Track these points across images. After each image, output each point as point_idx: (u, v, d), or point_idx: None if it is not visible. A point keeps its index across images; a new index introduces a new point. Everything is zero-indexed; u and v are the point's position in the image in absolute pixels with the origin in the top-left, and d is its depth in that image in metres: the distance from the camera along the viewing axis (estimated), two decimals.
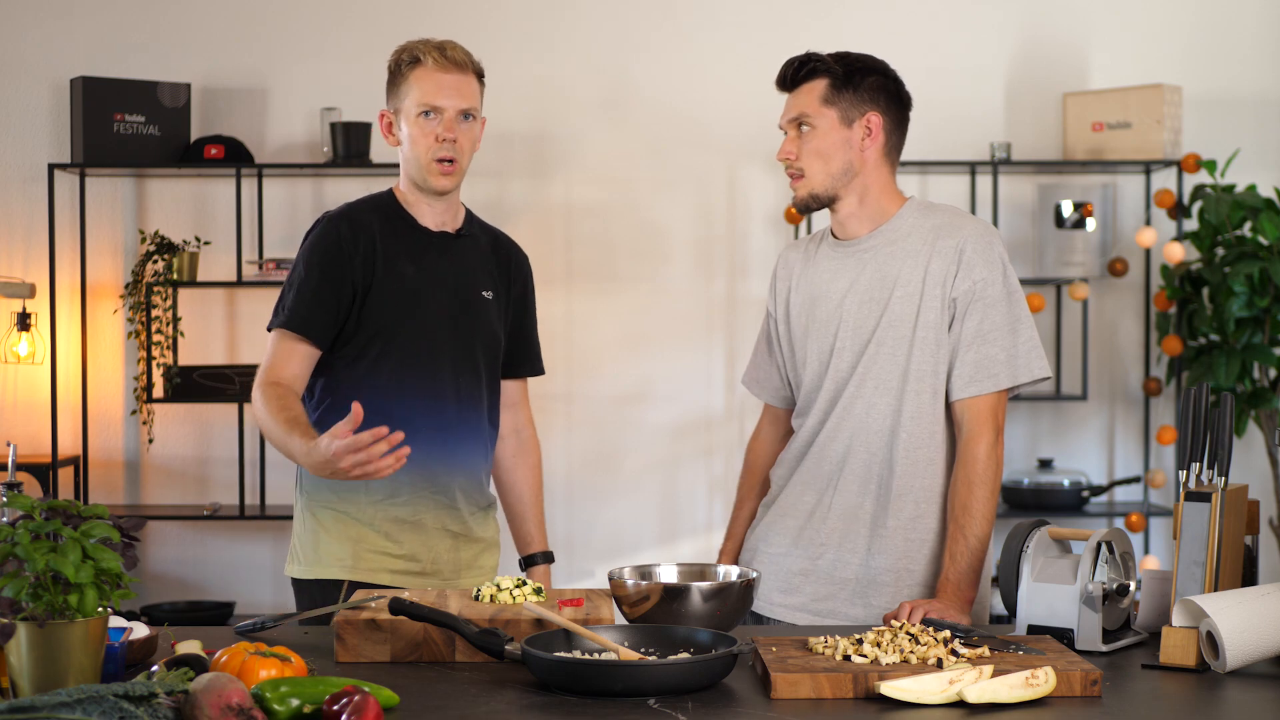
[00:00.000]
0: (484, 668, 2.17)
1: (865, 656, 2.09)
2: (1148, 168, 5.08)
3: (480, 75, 2.84)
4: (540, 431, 3.04)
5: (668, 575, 2.47)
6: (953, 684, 1.97)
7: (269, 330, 2.79)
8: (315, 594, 2.77)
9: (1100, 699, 2.01)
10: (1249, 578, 2.38)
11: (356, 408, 2.39)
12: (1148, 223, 5.14)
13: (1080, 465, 5.25)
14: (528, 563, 3.02)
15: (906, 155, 3.12)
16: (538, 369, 3.05)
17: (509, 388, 3.00)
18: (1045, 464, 5.07)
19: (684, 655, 2.11)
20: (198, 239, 5.06)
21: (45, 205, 5.02)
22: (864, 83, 2.69)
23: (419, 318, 2.79)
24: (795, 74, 2.71)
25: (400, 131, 2.82)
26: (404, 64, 2.80)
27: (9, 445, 3.27)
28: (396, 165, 2.93)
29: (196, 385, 4.95)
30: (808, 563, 2.72)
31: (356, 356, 2.78)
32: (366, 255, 2.77)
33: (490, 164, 5.17)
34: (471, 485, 2.86)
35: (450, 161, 2.78)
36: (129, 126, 4.94)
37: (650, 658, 2.08)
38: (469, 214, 2.94)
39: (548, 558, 3.03)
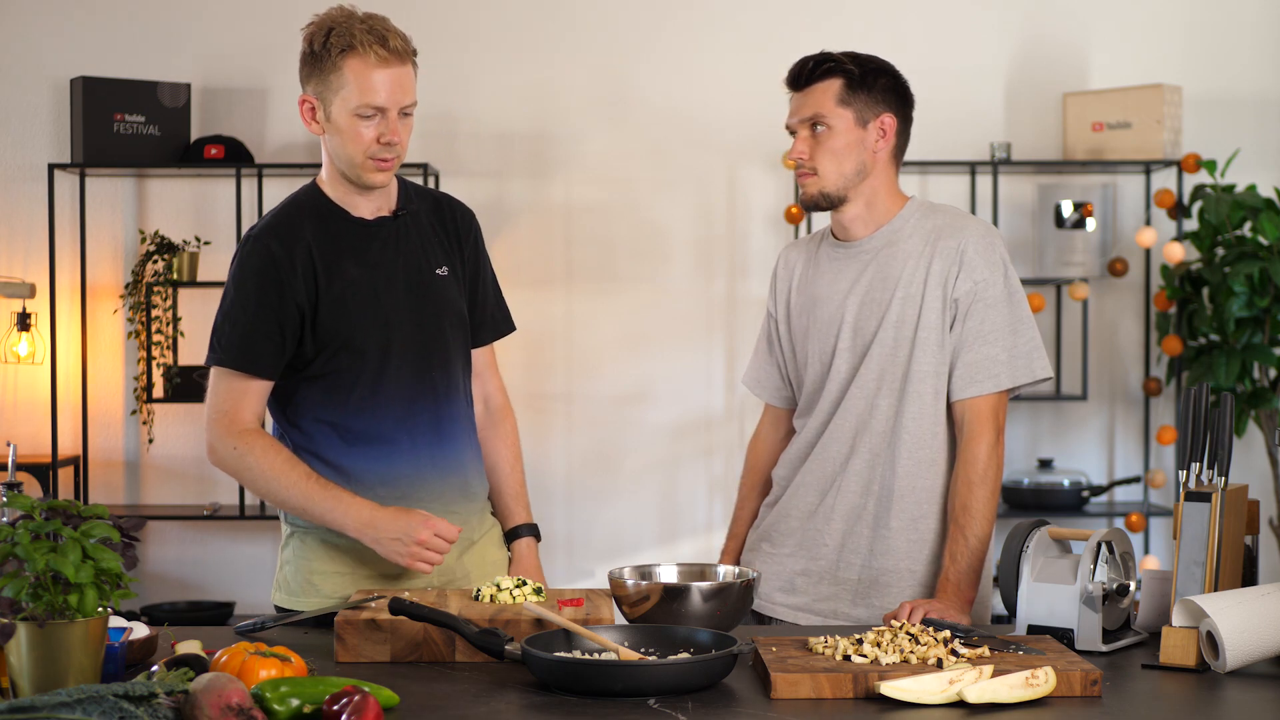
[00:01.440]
0: (484, 668, 2.16)
1: (865, 656, 2.09)
2: (1148, 168, 5.08)
3: (415, 57, 2.58)
4: (540, 431, 2.93)
5: (668, 575, 2.47)
6: (953, 684, 1.97)
7: (206, 365, 2.57)
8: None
9: (1100, 699, 2.01)
10: (1249, 578, 2.38)
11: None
12: (1148, 223, 5.14)
13: (1080, 465, 5.25)
14: (511, 536, 2.77)
15: (906, 155, 3.13)
16: (503, 329, 2.81)
17: (474, 356, 2.76)
18: (1045, 464, 5.07)
19: (684, 655, 2.11)
20: (198, 239, 5.06)
21: (45, 205, 5.02)
22: (877, 83, 2.68)
23: (377, 318, 2.58)
24: (810, 73, 2.69)
25: (328, 121, 2.55)
26: (334, 49, 2.51)
27: (9, 445, 3.27)
28: None
29: (196, 385, 4.95)
30: (810, 563, 2.72)
31: (320, 375, 2.58)
32: (305, 267, 2.55)
33: (490, 164, 5.18)
34: (478, 476, 2.72)
35: (388, 160, 2.56)
36: (129, 126, 4.94)
37: (650, 658, 2.08)
38: (402, 186, 2.69)
39: (532, 530, 2.78)
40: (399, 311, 2.61)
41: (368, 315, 2.58)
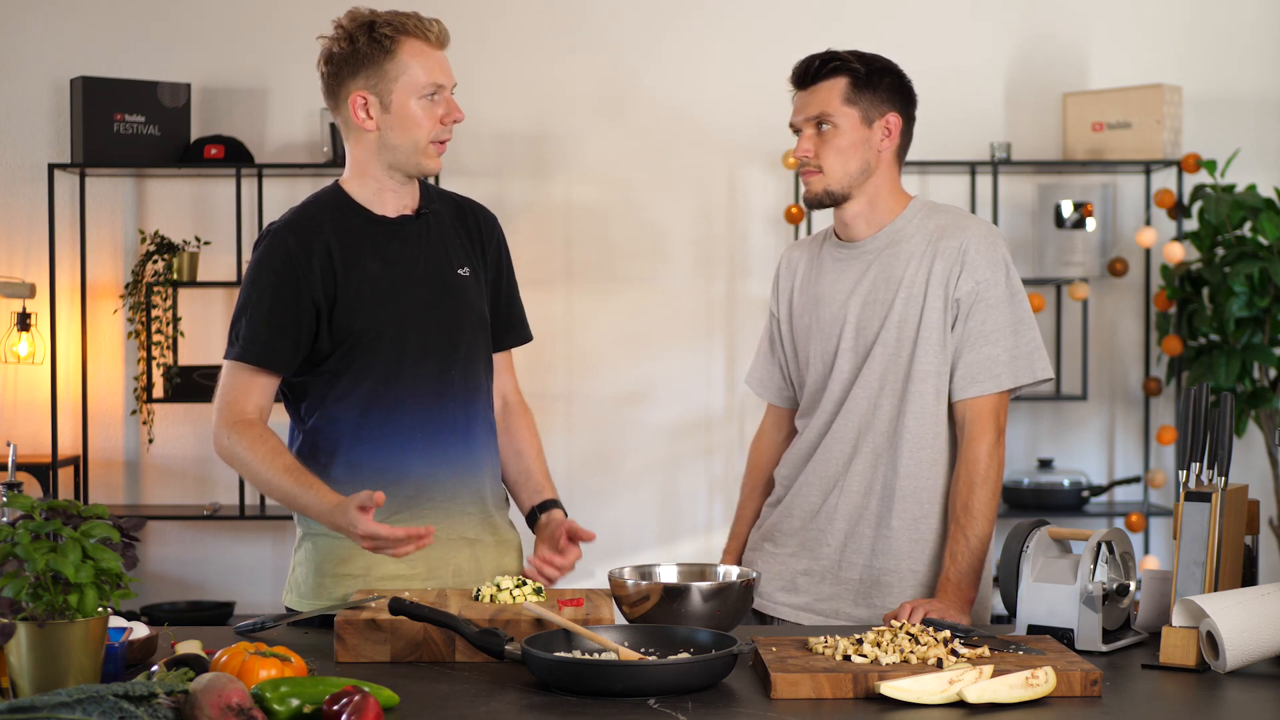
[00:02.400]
0: (484, 668, 2.17)
1: (865, 656, 2.09)
2: (1148, 168, 5.08)
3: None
4: (540, 431, 2.90)
5: (668, 575, 2.47)
6: (953, 684, 1.97)
7: (225, 359, 2.58)
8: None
9: (1100, 699, 2.01)
10: (1249, 578, 2.38)
11: (379, 498, 2.32)
12: (1148, 223, 5.14)
13: (1080, 465, 5.25)
14: (542, 509, 2.71)
15: (906, 155, 3.13)
16: (523, 336, 2.84)
17: (494, 359, 2.77)
18: (1045, 464, 5.07)
19: (684, 655, 2.11)
20: (198, 239, 5.06)
21: (45, 205, 5.02)
22: (882, 82, 2.69)
23: (394, 314, 2.57)
24: (816, 71, 2.69)
25: (385, 113, 2.55)
26: (387, 38, 2.52)
27: (9, 445, 3.27)
28: None
29: (196, 385, 4.95)
30: (812, 563, 2.72)
31: (338, 372, 2.57)
32: (323, 264, 2.54)
33: (490, 164, 5.17)
34: (494, 480, 2.70)
35: (445, 142, 2.60)
36: (129, 126, 4.94)
37: (650, 658, 2.08)
38: (424, 187, 2.69)
39: (558, 505, 2.73)
40: (418, 309, 2.60)
41: (385, 311, 2.57)
